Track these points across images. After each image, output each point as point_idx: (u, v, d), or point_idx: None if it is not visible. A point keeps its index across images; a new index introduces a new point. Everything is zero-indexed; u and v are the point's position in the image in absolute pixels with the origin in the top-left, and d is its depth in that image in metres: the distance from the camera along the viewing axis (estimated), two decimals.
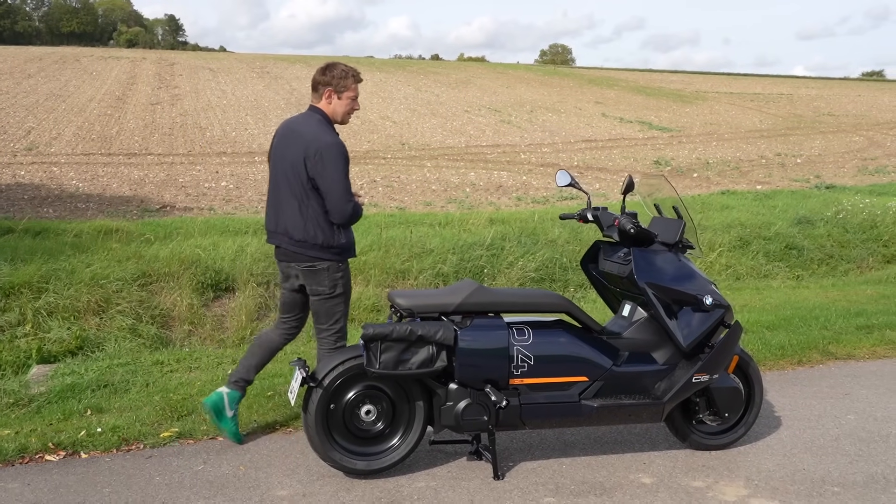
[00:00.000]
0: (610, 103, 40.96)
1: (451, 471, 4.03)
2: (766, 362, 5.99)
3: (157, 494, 3.71)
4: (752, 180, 20.49)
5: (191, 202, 15.37)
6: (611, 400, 4.01)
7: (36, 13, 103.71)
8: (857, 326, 6.93)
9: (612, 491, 3.82)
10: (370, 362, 3.73)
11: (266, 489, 3.79)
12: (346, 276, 4.20)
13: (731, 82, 59.53)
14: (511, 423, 3.93)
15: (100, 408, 4.95)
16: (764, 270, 10.69)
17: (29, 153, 20.55)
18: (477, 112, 34.60)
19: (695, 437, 4.30)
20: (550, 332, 4.01)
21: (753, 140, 30.02)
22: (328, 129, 4.13)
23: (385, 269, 9.28)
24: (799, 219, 12.43)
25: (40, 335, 7.16)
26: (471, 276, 9.22)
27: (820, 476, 4.00)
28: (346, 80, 4.19)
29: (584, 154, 25.06)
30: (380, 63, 60.32)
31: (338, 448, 3.86)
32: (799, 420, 4.81)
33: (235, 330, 8.25)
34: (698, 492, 3.82)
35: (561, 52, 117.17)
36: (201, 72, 42.48)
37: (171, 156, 21.62)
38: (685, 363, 4.11)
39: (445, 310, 3.89)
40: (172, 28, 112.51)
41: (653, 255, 4.09)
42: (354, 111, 4.28)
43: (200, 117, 28.55)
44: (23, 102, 29.01)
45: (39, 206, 14.34)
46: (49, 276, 7.96)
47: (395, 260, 9.50)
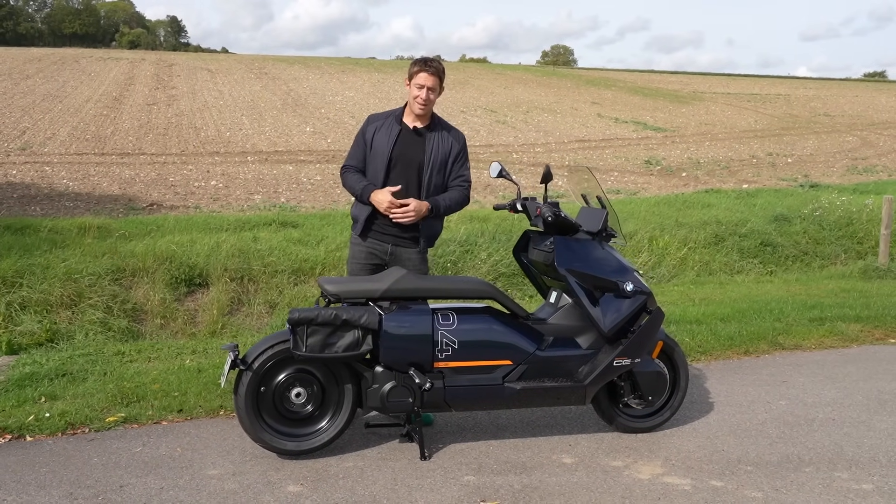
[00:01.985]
0: (606, 104, 41.09)
1: (381, 452, 4.18)
2: (713, 352, 6.13)
3: (92, 473, 3.86)
4: (740, 179, 20.59)
5: (178, 201, 15.51)
6: (534, 383, 4.14)
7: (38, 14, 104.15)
8: (809, 319, 7.06)
9: (532, 470, 3.96)
10: (296, 346, 3.87)
11: (198, 469, 3.93)
12: (351, 248, 4.56)
13: (730, 83, 59.64)
14: (436, 405, 4.07)
15: (54, 395, 5.08)
16: (737, 266, 10.81)
17: (22, 153, 20.72)
18: (473, 112, 34.75)
19: (621, 419, 4.43)
20: (475, 317, 4.15)
21: (747, 140, 30.12)
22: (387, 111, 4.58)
23: None
24: (776, 216, 12.54)
25: (10, 328, 7.31)
26: (441, 271, 9.36)
27: (737, 456, 4.14)
28: (412, 68, 4.43)
29: (576, 154, 25.18)
30: (379, 64, 60.54)
31: (268, 429, 4.01)
32: (731, 405, 4.95)
33: (207, 324, 8.40)
34: (615, 471, 3.96)
35: (563, 53, 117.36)
36: (199, 72, 42.69)
37: (163, 155, 21.78)
38: (608, 347, 4.25)
39: (372, 296, 4.03)
40: (174, 29, 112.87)
41: (575, 243, 4.22)
42: (420, 98, 4.34)
43: (196, 118, 28.73)
44: (19, 103, 29.22)
45: (28, 204, 14.49)
46: (24, 270, 8.10)
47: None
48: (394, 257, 4.43)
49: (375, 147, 4.40)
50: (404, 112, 4.49)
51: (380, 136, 4.40)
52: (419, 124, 4.43)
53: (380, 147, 4.38)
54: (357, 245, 4.49)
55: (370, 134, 4.43)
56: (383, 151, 4.36)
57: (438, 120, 4.54)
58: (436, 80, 4.37)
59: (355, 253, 4.50)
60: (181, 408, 4.78)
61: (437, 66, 4.40)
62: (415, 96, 4.36)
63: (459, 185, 4.51)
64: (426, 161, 4.38)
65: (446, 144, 4.46)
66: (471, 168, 4.66)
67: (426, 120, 4.45)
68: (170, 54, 61.16)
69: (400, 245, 4.43)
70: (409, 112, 4.46)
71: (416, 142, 4.41)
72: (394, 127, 4.42)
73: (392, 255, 4.44)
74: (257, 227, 11.12)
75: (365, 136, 4.45)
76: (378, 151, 4.38)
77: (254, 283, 9.03)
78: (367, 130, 4.45)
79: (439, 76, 4.40)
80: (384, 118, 4.49)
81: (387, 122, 4.45)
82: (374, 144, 4.40)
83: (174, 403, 4.84)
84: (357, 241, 4.49)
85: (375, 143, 4.40)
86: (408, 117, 4.46)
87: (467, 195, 4.53)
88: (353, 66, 54.13)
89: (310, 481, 3.80)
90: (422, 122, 4.44)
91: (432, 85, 4.35)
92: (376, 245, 4.44)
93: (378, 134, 4.41)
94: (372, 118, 4.53)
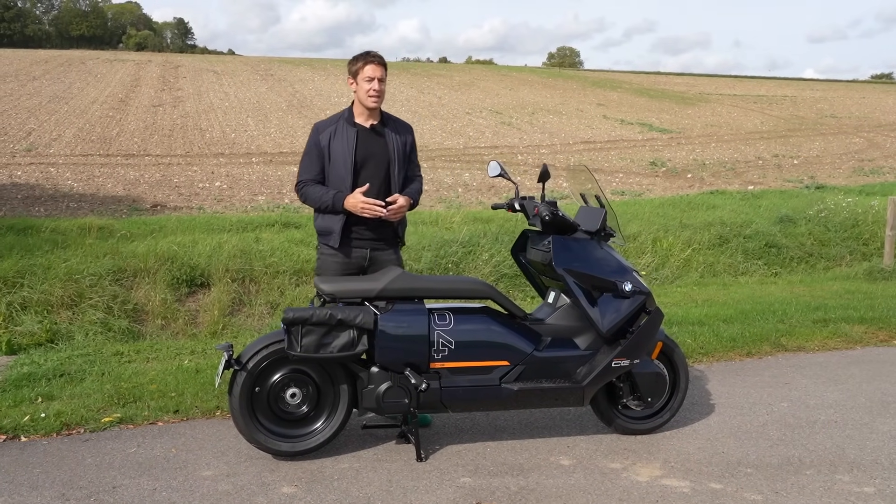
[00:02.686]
0: (612, 105, 41.02)
1: (377, 453, 4.14)
2: (715, 353, 6.08)
3: (85, 474, 3.83)
4: (746, 181, 20.52)
5: (182, 202, 15.52)
6: (531, 384, 4.10)
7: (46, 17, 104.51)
8: (813, 320, 7.00)
9: (529, 472, 3.91)
10: (291, 345, 3.83)
11: (192, 470, 3.90)
12: (319, 259, 4.39)
13: (736, 84, 59.50)
14: (432, 406, 4.03)
15: (51, 395, 5.06)
16: (741, 268, 10.74)
17: (28, 154, 20.78)
18: (478, 114, 34.72)
19: (620, 421, 4.39)
20: (472, 317, 4.11)
21: (753, 141, 30.02)
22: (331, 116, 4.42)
23: None
24: (781, 217, 12.46)
25: (11, 328, 7.30)
26: (443, 272, 9.32)
27: (737, 459, 4.09)
28: (355, 64, 4.29)
29: (581, 155, 25.13)
30: None
31: (262, 430, 3.98)
32: (732, 407, 4.90)
33: (208, 324, 8.37)
34: (613, 472, 3.91)
35: (569, 54, 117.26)
36: (205, 74, 42.77)
37: (168, 157, 21.81)
38: (606, 348, 4.20)
39: (368, 295, 3.99)
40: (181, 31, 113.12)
41: (573, 243, 4.18)
42: (372, 90, 4.22)
43: (201, 119, 28.77)
44: (25, 104, 29.31)
45: (32, 205, 14.52)
46: (25, 271, 8.09)
47: None
48: (372, 262, 4.33)
49: (335, 154, 4.24)
50: (353, 113, 4.34)
51: (337, 143, 4.24)
52: (374, 122, 4.33)
53: (340, 153, 4.23)
54: (331, 256, 4.31)
55: (325, 142, 4.26)
56: (345, 156, 4.21)
57: (387, 115, 4.45)
58: (382, 69, 4.26)
59: (329, 265, 4.31)
60: (177, 408, 4.76)
61: (378, 55, 4.29)
62: (366, 90, 4.22)
63: (418, 177, 4.50)
64: (393, 158, 4.30)
65: (403, 138, 4.39)
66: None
67: (378, 116, 4.35)
68: (176, 56, 61.30)
69: (377, 249, 4.34)
70: (360, 111, 4.32)
71: (377, 141, 4.30)
72: (349, 130, 4.26)
73: (371, 260, 4.33)
74: (260, 227, 11.10)
75: (320, 146, 4.27)
76: (339, 158, 4.23)
77: (255, 283, 9.00)
78: (321, 140, 4.27)
79: (384, 65, 4.29)
80: (333, 123, 4.32)
81: (339, 127, 4.29)
82: (333, 152, 4.24)
83: (171, 404, 4.82)
84: (330, 253, 4.31)
85: (334, 150, 4.24)
86: (359, 117, 4.32)
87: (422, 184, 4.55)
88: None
89: (304, 482, 3.76)
90: (375, 118, 4.33)
91: (381, 75, 4.24)
92: (354, 252, 4.30)
93: (334, 140, 4.25)
94: (319, 126, 4.35)
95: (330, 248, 4.31)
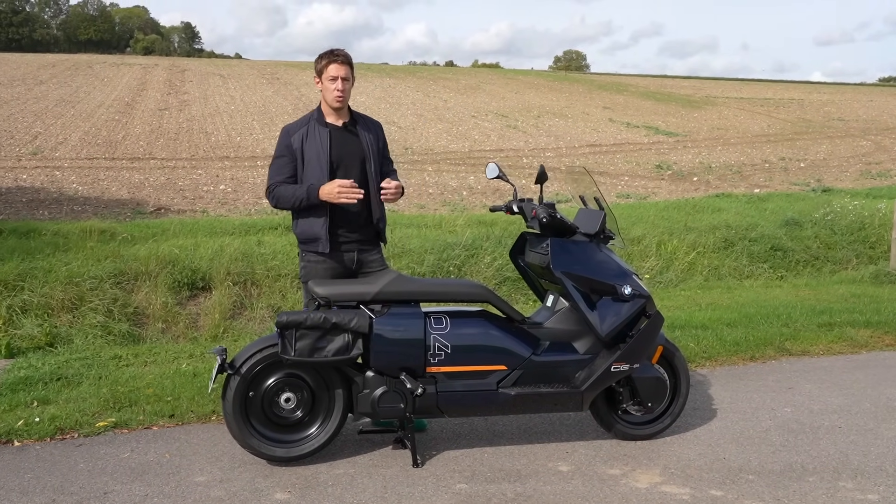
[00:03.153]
0: (618, 108, 40.92)
1: (373, 458, 4.09)
2: (718, 357, 6.01)
3: (76, 480, 3.79)
4: (752, 184, 20.41)
5: (186, 205, 15.50)
6: (529, 388, 4.04)
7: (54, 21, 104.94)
8: (818, 324, 6.92)
9: (527, 478, 3.86)
10: (285, 349, 3.78)
11: (185, 475, 3.86)
12: (306, 267, 4.25)
13: (743, 87, 59.31)
14: (428, 411, 3.98)
15: (47, 399, 5.02)
16: (746, 271, 10.65)
17: (33, 157, 20.79)
18: (483, 117, 34.67)
19: (619, 426, 4.32)
20: (469, 321, 4.05)
21: (759, 145, 29.90)
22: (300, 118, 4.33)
23: None
24: (787, 220, 12.38)
25: (10, 331, 7.27)
26: (445, 275, 9.27)
27: (738, 465, 4.02)
28: (320, 63, 4.21)
29: (586, 158, 25.05)
30: (391, 69, 60.62)
31: (256, 435, 3.93)
32: (734, 412, 4.83)
33: (209, 328, 8.33)
34: (612, 479, 3.85)
35: (575, 58, 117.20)
36: (211, 78, 42.83)
37: (173, 160, 21.80)
38: (605, 352, 4.14)
39: (363, 298, 3.94)
40: (188, 35, 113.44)
41: (571, 245, 4.12)
42: (337, 90, 4.14)
43: (207, 122, 28.78)
44: (32, 108, 29.37)
45: (36, 208, 14.50)
46: (25, 274, 8.07)
47: None
48: (360, 264, 4.26)
49: (308, 155, 4.15)
50: (322, 113, 4.27)
51: (310, 144, 4.16)
52: (344, 120, 4.27)
53: (314, 153, 4.14)
54: (318, 263, 4.19)
55: (297, 144, 4.17)
56: (320, 156, 4.13)
57: (357, 113, 4.38)
58: (347, 68, 4.18)
59: (318, 271, 4.19)
60: (173, 413, 4.71)
61: (344, 54, 4.20)
62: (331, 90, 4.14)
63: (394, 171, 4.44)
64: (368, 155, 4.23)
65: (374, 134, 4.33)
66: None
67: (348, 115, 4.29)
68: (183, 60, 61.45)
69: (364, 250, 4.26)
70: (329, 111, 4.24)
71: (350, 139, 4.23)
72: (321, 130, 4.18)
73: (358, 262, 4.25)
74: (262, 230, 11.05)
75: (291, 148, 4.16)
76: (313, 158, 4.14)
77: (257, 286, 8.96)
78: (293, 142, 4.18)
79: (349, 64, 4.21)
80: (304, 125, 4.23)
81: (310, 128, 4.20)
82: (307, 153, 4.16)
83: (166, 408, 4.77)
84: (317, 260, 4.19)
85: (307, 151, 4.16)
86: (329, 117, 4.25)
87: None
88: (364, 71, 54.15)
89: (298, 489, 3.71)
90: (345, 117, 4.27)
91: (345, 74, 4.16)
92: (342, 256, 4.22)
93: (307, 142, 4.16)
94: (289, 129, 4.27)
95: (317, 255, 4.19)
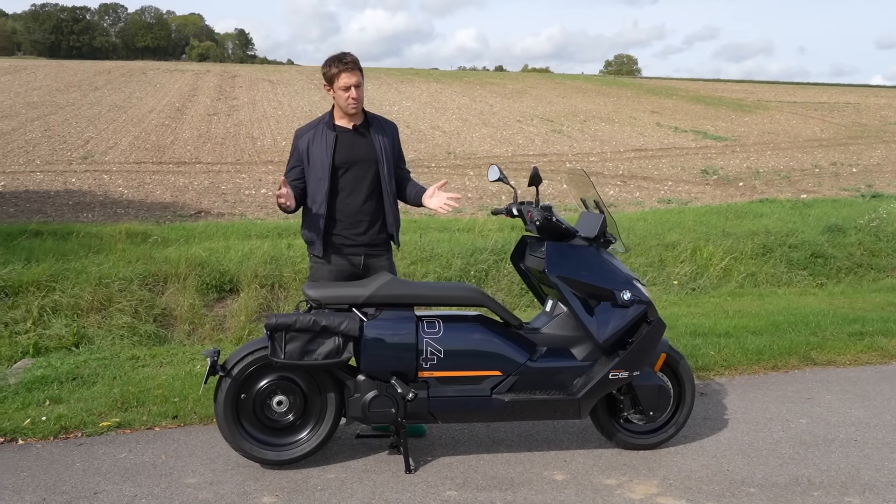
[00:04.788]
0: (667, 113, 40.40)
1: (367, 463, 4.04)
2: (738, 366, 5.84)
3: (70, 479, 3.81)
4: (800, 189, 19.95)
5: (226, 208, 15.70)
6: (524, 395, 3.96)
7: (113, 29, 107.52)
8: (848, 333, 6.69)
9: (519, 486, 3.78)
10: (275, 352, 3.77)
11: (177, 477, 3.86)
12: (312, 269, 4.31)
13: (797, 91, 58.11)
14: (420, 416, 3.92)
15: (59, 398, 5.09)
16: (785, 278, 10.37)
17: (84, 161, 21.29)
18: (529, 122, 34.52)
19: (621, 435, 4.21)
20: (462, 325, 3.99)
21: (811, 149, 29.23)
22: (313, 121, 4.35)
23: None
24: (829, 226, 12.03)
25: (39, 331, 7.41)
26: (474, 280, 9.20)
27: (741, 477, 3.89)
28: (330, 70, 4.19)
29: (630, 163, 24.77)
30: (438, 74, 60.71)
31: (248, 438, 3.92)
32: (746, 423, 4.68)
33: (234, 330, 8.39)
34: (606, 489, 3.75)
35: (626, 62, 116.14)
36: (261, 83, 43.41)
37: (219, 164, 22.14)
38: (604, 359, 4.04)
39: (355, 301, 3.91)
40: (242, 42, 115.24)
41: (569, 249, 4.03)
42: (351, 99, 4.15)
43: (254, 127, 29.15)
44: (86, 114, 30.10)
45: (81, 211, 14.81)
46: (58, 275, 8.22)
47: (400, 263, 9.54)
48: (367, 269, 4.24)
49: (313, 158, 4.17)
50: (333, 116, 4.28)
51: (316, 147, 4.17)
52: (356, 123, 4.26)
53: (318, 157, 4.15)
54: (323, 265, 4.25)
55: (304, 146, 4.20)
56: (322, 160, 4.14)
57: (371, 114, 4.36)
58: (358, 74, 4.16)
59: (322, 273, 4.25)
60: (177, 414, 4.74)
61: (353, 60, 4.17)
62: (345, 98, 4.14)
63: (408, 171, 4.44)
64: (380, 158, 4.21)
65: (388, 136, 4.31)
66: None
67: (360, 117, 4.28)
68: (234, 66, 62.44)
69: (372, 255, 4.25)
70: (341, 114, 4.25)
71: (361, 141, 4.22)
72: (328, 134, 4.19)
73: (365, 266, 4.24)
74: (295, 233, 11.11)
75: (299, 150, 4.22)
76: (317, 161, 4.15)
77: (284, 289, 9.00)
78: (300, 144, 4.22)
79: (360, 68, 4.19)
80: (314, 128, 4.26)
81: (318, 131, 4.22)
82: (312, 156, 4.17)
83: (171, 409, 4.80)
84: (321, 262, 4.25)
85: (312, 154, 4.17)
86: (340, 120, 4.25)
87: None
88: (412, 76, 54.36)
89: (286, 492, 3.69)
90: (357, 119, 4.26)
91: (357, 81, 4.14)
92: (347, 260, 4.22)
93: (313, 145, 4.18)
94: (300, 131, 4.31)
95: (319, 259, 4.25)
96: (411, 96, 41.71)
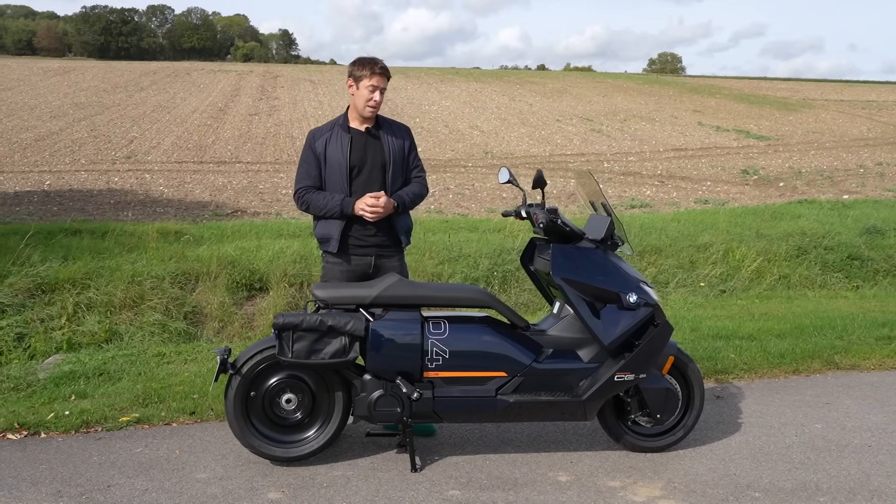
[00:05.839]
0: (709, 112, 39.91)
1: (374, 462, 4.10)
2: (759, 370, 5.79)
3: (85, 472, 3.93)
4: (842, 190, 19.58)
5: (263, 207, 15.89)
6: (529, 396, 3.99)
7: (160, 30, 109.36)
8: (876, 337, 6.58)
9: (522, 487, 3.80)
10: (282, 351, 3.84)
11: (189, 472, 3.96)
12: (325, 268, 4.38)
13: (845, 90, 56.96)
14: (425, 416, 3.97)
15: (84, 393, 5.23)
16: (819, 281, 10.21)
17: (127, 161, 21.71)
18: (568, 121, 34.37)
19: (628, 438, 4.22)
20: (468, 326, 4.03)
21: (856, 149, 28.68)
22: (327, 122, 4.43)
23: (417, 272, 9.39)
24: (867, 228, 11.81)
25: (73, 327, 7.61)
26: (498, 282, 9.22)
27: (747, 482, 3.87)
28: (360, 70, 4.27)
29: (669, 163, 24.54)
30: (479, 74, 60.71)
31: (257, 434, 4.00)
32: (759, 427, 4.65)
33: (263, 328, 8.52)
34: (609, 491, 3.76)
35: (670, 60, 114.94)
36: (302, 83, 43.80)
37: (258, 164, 22.40)
38: (610, 362, 4.05)
39: (362, 302, 3.96)
40: (286, 42, 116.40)
41: (575, 252, 4.05)
42: (373, 101, 4.23)
43: (294, 127, 29.45)
44: (131, 114, 30.68)
45: (121, 209, 15.10)
46: (93, 273, 8.42)
47: (428, 263, 9.60)
48: (377, 269, 4.31)
49: (331, 159, 4.25)
50: (348, 118, 4.36)
51: (332, 148, 4.25)
52: (368, 125, 4.33)
53: (335, 158, 4.23)
54: (335, 265, 4.32)
55: (321, 147, 4.27)
56: (340, 161, 4.22)
57: (383, 118, 4.43)
58: (386, 81, 4.28)
59: (334, 273, 4.32)
60: (194, 410, 4.84)
61: (384, 66, 4.28)
62: (367, 99, 4.22)
63: (417, 178, 4.45)
64: (388, 161, 4.28)
65: (399, 140, 4.37)
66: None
67: (373, 120, 4.35)
68: (277, 66, 63.09)
69: (383, 255, 4.32)
70: (355, 116, 4.33)
71: (373, 144, 4.30)
72: (343, 135, 4.27)
73: (375, 267, 4.31)
74: None
75: (315, 151, 4.29)
76: (335, 163, 4.24)
77: None
78: (317, 145, 4.29)
79: (388, 76, 4.30)
80: (328, 129, 4.34)
81: (334, 133, 4.30)
82: (329, 157, 4.25)
83: (190, 405, 4.91)
84: (334, 261, 4.32)
85: (329, 155, 4.25)
86: (354, 122, 4.33)
87: (426, 186, 4.48)
88: (452, 75, 54.44)
89: (291, 489, 3.76)
90: (370, 122, 4.33)
91: (384, 86, 4.26)
92: (358, 261, 4.29)
93: (330, 146, 4.26)
94: (315, 132, 4.39)
95: (333, 257, 4.32)
96: (451, 96, 41.77)
